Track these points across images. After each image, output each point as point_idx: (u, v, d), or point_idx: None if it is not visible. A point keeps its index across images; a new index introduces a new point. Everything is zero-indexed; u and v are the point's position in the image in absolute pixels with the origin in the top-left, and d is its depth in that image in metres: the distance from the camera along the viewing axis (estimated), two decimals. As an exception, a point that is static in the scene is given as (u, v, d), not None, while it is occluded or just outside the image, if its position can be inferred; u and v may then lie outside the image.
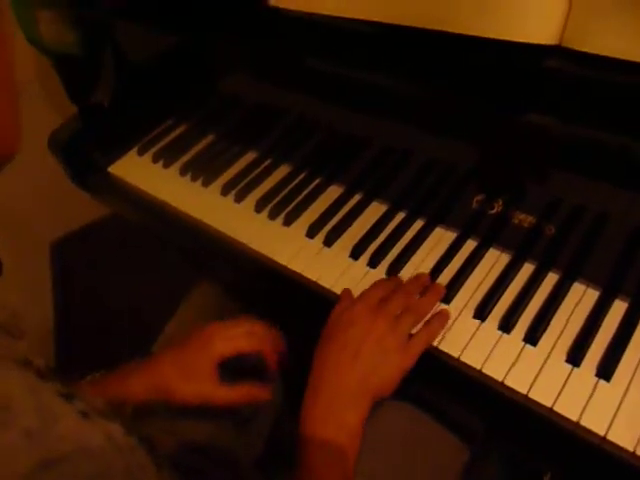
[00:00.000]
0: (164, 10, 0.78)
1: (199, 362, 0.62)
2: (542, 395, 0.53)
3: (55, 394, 0.37)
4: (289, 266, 0.68)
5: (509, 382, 0.54)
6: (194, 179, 0.81)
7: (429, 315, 0.59)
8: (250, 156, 0.83)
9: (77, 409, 0.38)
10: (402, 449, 0.68)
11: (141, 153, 0.86)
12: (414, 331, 0.58)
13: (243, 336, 0.65)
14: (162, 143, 0.87)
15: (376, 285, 0.61)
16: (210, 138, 0.86)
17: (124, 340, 1.14)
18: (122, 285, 1.23)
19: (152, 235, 0.97)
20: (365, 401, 0.54)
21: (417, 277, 0.63)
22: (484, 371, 0.55)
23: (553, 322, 0.58)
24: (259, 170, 0.80)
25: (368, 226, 0.70)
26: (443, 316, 0.59)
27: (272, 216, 0.74)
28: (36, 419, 0.33)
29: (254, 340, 0.65)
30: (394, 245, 0.67)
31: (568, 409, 0.52)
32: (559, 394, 0.53)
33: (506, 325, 0.58)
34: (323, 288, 0.65)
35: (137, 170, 0.84)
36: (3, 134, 0.36)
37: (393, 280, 0.63)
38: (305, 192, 0.76)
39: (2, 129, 0.36)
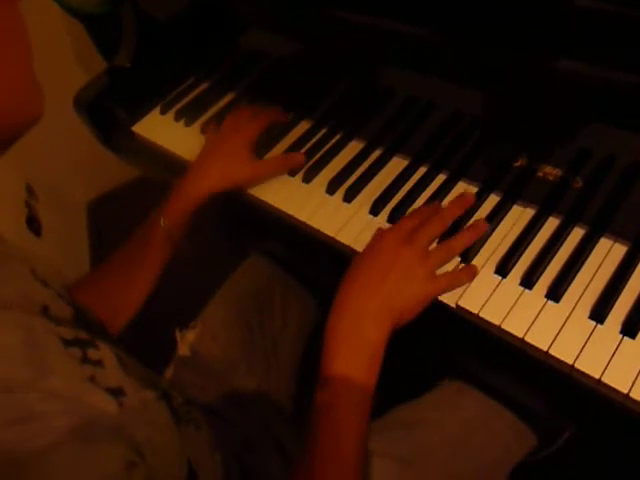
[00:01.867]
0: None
1: (239, 142, 0.73)
2: (564, 352, 0.52)
3: (62, 345, 0.38)
4: (308, 222, 0.68)
5: (529, 339, 0.53)
6: (215, 137, 0.80)
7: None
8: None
9: (86, 359, 0.39)
10: (458, 427, 0.68)
11: (163, 112, 0.86)
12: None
13: (254, 117, 0.75)
14: (184, 102, 0.87)
15: (412, 214, 0.62)
16: (230, 96, 0.86)
17: (158, 299, 1.17)
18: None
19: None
20: (388, 321, 0.55)
21: (459, 198, 0.63)
22: (503, 327, 0.54)
23: (577, 278, 0.56)
24: (279, 127, 0.79)
25: (388, 181, 0.68)
26: (473, 267, 0.58)
27: (292, 173, 0.73)
28: (21, 372, 0.34)
29: (262, 116, 0.76)
30: (415, 200, 0.66)
31: (591, 366, 0.50)
32: (581, 351, 0.51)
33: (528, 281, 0.56)
34: (343, 244, 0.65)
35: (160, 128, 0.85)
36: (21, 97, 0.36)
37: (432, 207, 0.63)
38: (325, 149, 0.75)
39: (19, 92, 0.36)
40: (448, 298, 0.57)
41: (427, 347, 0.70)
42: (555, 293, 0.55)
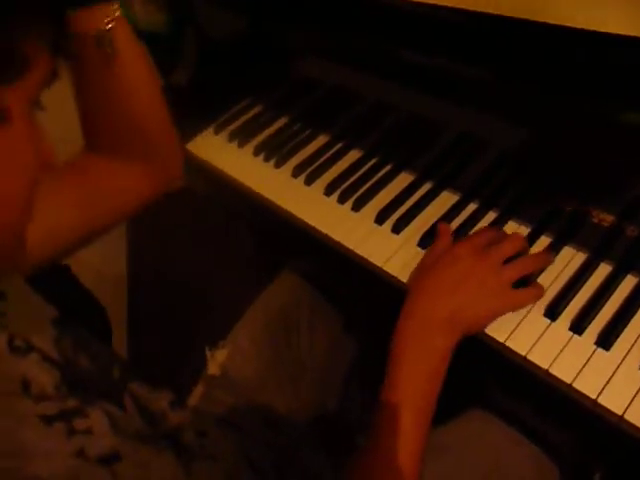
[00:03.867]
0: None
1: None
2: (612, 401, 0.51)
3: (45, 424, 0.37)
4: (355, 250, 0.68)
5: (578, 385, 0.53)
6: (267, 159, 0.82)
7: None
8: (322, 139, 0.83)
9: (73, 431, 0.38)
10: (484, 457, 0.68)
11: (217, 132, 0.88)
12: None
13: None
14: (238, 123, 0.89)
15: (484, 231, 0.63)
16: (284, 120, 0.87)
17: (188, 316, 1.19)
18: (192, 257, 1.28)
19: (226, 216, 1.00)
20: (455, 331, 0.55)
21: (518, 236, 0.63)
22: (551, 371, 0.54)
23: (628, 327, 0.55)
24: (330, 154, 0.81)
25: (438, 216, 0.69)
26: (541, 285, 0.59)
27: (341, 200, 0.74)
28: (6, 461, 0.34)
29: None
30: (463, 236, 0.66)
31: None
32: (631, 402, 0.51)
33: (578, 326, 0.56)
34: (388, 274, 0.66)
35: (213, 148, 0.87)
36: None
37: (500, 230, 0.63)
38: (375, 178, 0.76)
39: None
40: (497, 334, 0.57)
41: (459, 373, 0.70)
42: (606, 341, 0.54)
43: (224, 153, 0.85)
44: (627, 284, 0.58)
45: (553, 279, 0.60)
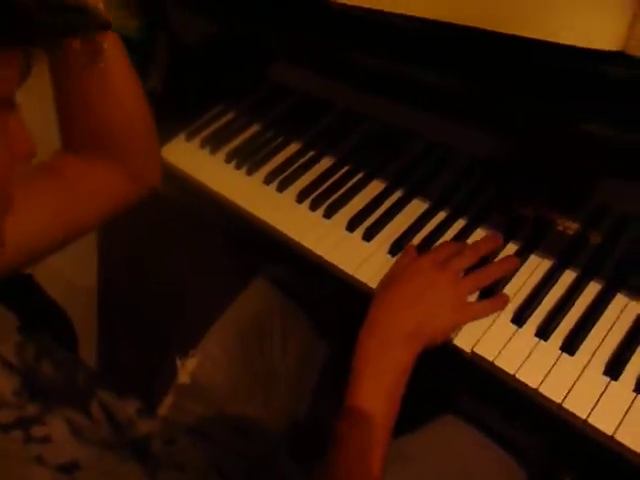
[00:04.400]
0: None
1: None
2: (577, 406, 0.52)
3: (2, 432, 0.37)
4: (325, 257, 0.69)
5: (543, 390, 0.54)
6: (239, 166, 0.82)
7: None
8: (294, 147, 0.83)
9: (30, 439, 0.38)
10: (452, 463, 0.68)
11: (189, 138, 0.88)
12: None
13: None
14: (210, 129, 0.88)
15: (443, 245, 0.64)
16: (256, 127, 0.87)
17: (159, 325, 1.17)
18: (164, 265, 1.26)
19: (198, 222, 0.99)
20: (417, 344, 0.56)
21: (487, 239, 0.64)
22: (518, 377, 0.55)
23: (592, 333, 0.57)
24: (302, 161, 0.81)
25: (408, 224, 0.70)
26: (504, 295, 0.60)
27: (313, 207, 0.74)
28: None
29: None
30: (433, 244, 0.67)
31: (604, 422, 0.51)
32: (595, 406, 0.52)
33: (544, 332, 0.57)
34: (359, 281, 0.66)
35: (184, 155, 0.86)
36: None
37: (460, 243, 0.64)
38: (347, 186, 0.76)
39: None
40: (464, 343, 0.58)
41: (429, 380, 0.71)
42: (570, 346, 0.56)
43: (196, 160, 0.85)
44: (591, 290, 0.60)
45: (520, 286, 0.61)
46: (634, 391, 0.52)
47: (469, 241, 0.66)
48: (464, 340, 0.58)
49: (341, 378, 0.61)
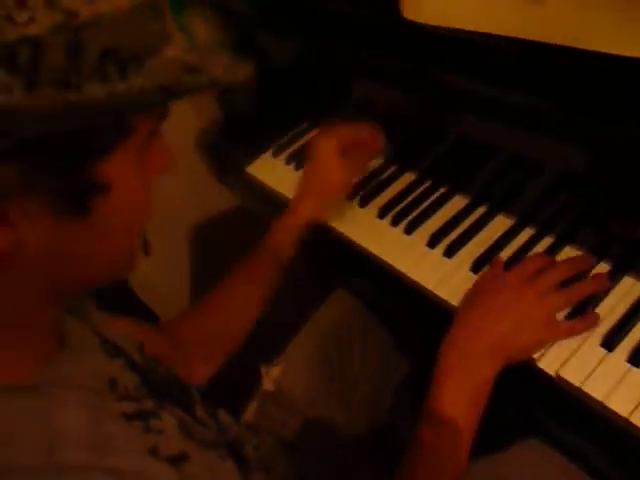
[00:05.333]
0: (306, 22, 0.82)
1: (327, 161, 0.74)
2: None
3: (125, 420, 0.40)
4: (406, 273, 0.69)
5: (635, 419, 0.51)
6: (323, 182, 0.85)
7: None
8: (376, 162, 0.85)
9: (149, 429, 0.40)
10: None
11: (276, 154, 0.92)
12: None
13: (341, 130, 0.75)
14: (295, 146, 0.92)
15: (530, 258, 0.62)
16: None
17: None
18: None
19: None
20: (499, 360, 0.55)
21: (578, 257, 0.63)
22: (607, 404, 0.52)
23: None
24: (384, 177, 0.82)
25: (491, 241, 0.69)
26: (595, 314, 0.57)
27: (395, 223, 0.75)
28: (86, 454, 0.35)
29: (352, 128, 0.75)
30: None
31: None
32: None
33: (636, 359, 0.54)
34: (439, 298, 0.66)
35: (271, 170, 0.90)
36: (120, 267, 0.40)
37: (548, 257, 0.63)
38: (428, 201, 0.76)
39: (120, 264, 0.40)
40: (548, 365, 0.56)
41: (514, 402, 0.69)
42: (665, 375, 0.52)
43: (282, 175, 0.88)
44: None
45: (612, 308, 0.58)
46: None
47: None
48: (548, 361, 0.56)
49: (419, 395, 0.61)
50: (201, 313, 0.72)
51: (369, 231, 0.76)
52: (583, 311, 0.58)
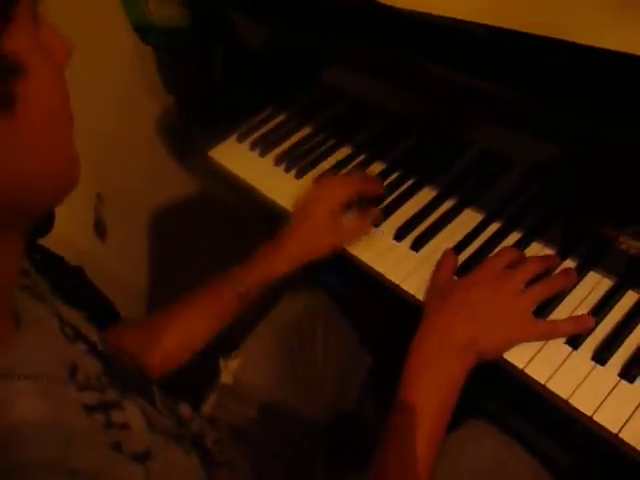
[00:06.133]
0: (278, 4, 0.78)
1: (320, 225, 0.71)
2: (633, 437, 0.49)
3: (85, 413, 0.37)
4: (371, 265, 0.68)
5: (598, 418, 0.51)
6: (287, 170, 0.82)
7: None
8: (344, 152, 0.83)
9: (110, 424, 0.38)
10: (481, 462, 0.66)
11: (240, 140, 0.88)
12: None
13: (341, 185, 0.72)
14: (260, 131, 0.89)
15: (502, 253, 0.61)
16: (306, 130, 0.87)
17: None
18: (209, 264, 1.28)
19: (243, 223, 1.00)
20: (471, 358, 0.54)
21: (545, 256, 0.61)
22: (571, 402, 0.52)
23: (653, 359, 0.53)
24: (352, 166, 0.80)
25: (459, 235, 0.67)
26: (582, 319, 0.56)
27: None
28: (49, 450, 0.33)
29: (351, 184, 0.72)
30: (486, 255, 0.65)
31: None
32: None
33: (601, 357, 0.54)
34: (405, 292, 0.64)
35: (234, 156, 0.87)
36: (61, 177, 0.36)
37: (518, 251, 0.61)
38: (396, 193, 0.75)
39: (60, 173, 0.36)
40: (517, 359, 0.55)
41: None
42: (628, 373, 0.52)
43: (245, 161, 0.85)
44: (654, 314, 0.56)
45: (576, 306, 0.58)
46: None
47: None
48: (516, 357, 0.55)
49: (382, 387, 0.60)
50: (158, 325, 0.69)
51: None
52: (548, 308, 0.58)
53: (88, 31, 0.81)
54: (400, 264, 0.66)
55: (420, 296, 0.63)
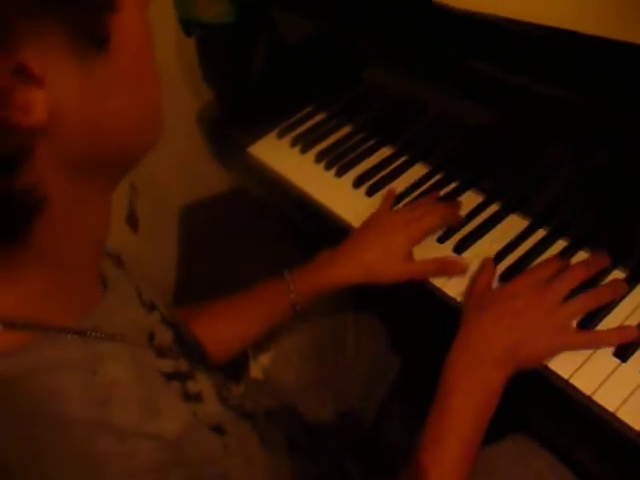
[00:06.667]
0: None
1: (398, 245, 0.66)
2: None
3: (164, 380, 0.38)
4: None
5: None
6: (328, 168, 0.82)
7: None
8: (385, 151, 0.82)
9: (186, 394, 0.39)
10: None
11: (280, 136, 0.88)
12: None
13: (427, 215, 0.68)
14: (301, 129, 0.88)
15: (545, 263, 0.60)
16: (348, 129, 0.87)
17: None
18: (244, 260, 1.29)
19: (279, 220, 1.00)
20: (510, 366, 0.54)
21: (596, 257, 0.60)
22: (619, 415, 0.51)
23: None
24: (393, 167, 0.79)
25: (504, 242, 0.66)
26: (627, 330, 0.55)
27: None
28: (135, 414, 0.34)
29: (439, 214, 0.68)
30: (533, 260, 0.63)
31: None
32: None
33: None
34: (446, 294, 0.64)
35: (275, 152, 0.87)
36: (152, 123, 0.37)
37: (562, 262, 0.60)
38: (440, 194, 0.74)
39: (151, 119, 0.37)
40: (562, 370, 0.54)
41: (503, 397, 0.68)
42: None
43: (286, 158, 0.85)
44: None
45: (627, 316, 0.57)
46: None
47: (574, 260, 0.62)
48: (562, 366, 0.54)
49: (411, 392, 0.59)
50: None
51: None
52: (595, 318, 0.56)
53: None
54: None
55: (461, 299, 0.62)
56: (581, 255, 0.63)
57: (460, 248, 0.67)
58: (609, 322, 0.57)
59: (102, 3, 0.30)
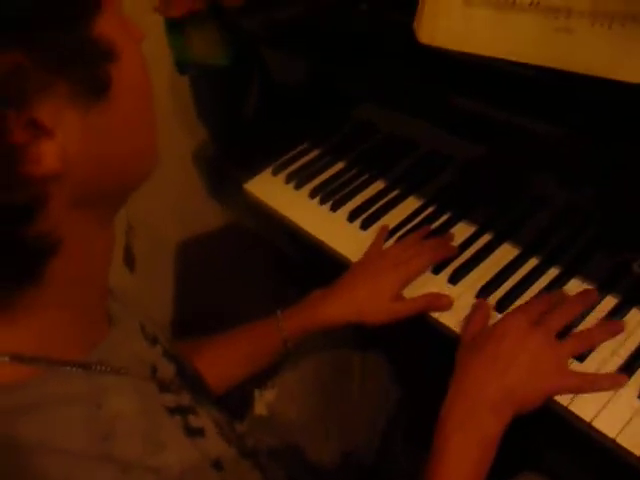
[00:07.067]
0: (310, 41, 0.81)
1: (388, 286, 0.67)
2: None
3: (167, 414, 0.38)
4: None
5: None
6: (322, 202, 0.83)
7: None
8: (379, 185, 0.84)
9: (188, 428, 0.39)
10: None
11: (275, 173, 0.90)
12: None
13: (415, 258, 0.68)
14: (296, 165, 0.90)
15: (537, 298, 0.59)
16: (342, 164, 0.89)
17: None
18: (240, 294, 1.29)
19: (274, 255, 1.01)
20: (507, 413, 0.52)
21: (584, 293, 0.60)
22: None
23: None
24: (386, 200, 0.81)
25: (497, 269, 0.67)
26: (619, 377, 0.53)
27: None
28: (139, 447, 0.35)
29: (427, 256, 0.68)
30: (524, 292, 0.64)
31: None
32: None
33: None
34: (444, 325, 0.64)
35: (270, 189, 0.88)
36: (148, 154, 0.39)
37: (556, 294, 0.60)
38: (433, 227, 0.75)
39: (149, 151, 0.39)
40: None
41: (513, 433, 0.68)
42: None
43: (280, 194, 0.87)
44: None
45: (619, 346, 0.57)
46: None
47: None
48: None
49: (413, 426, 0.58)
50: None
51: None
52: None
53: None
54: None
55: (458, 329, 0.62)
56: (573, 283, 0.64)
57: (454, 278, 0.68)
58: (601, 352, 0.56)
59: (103, 55, 0.32)
